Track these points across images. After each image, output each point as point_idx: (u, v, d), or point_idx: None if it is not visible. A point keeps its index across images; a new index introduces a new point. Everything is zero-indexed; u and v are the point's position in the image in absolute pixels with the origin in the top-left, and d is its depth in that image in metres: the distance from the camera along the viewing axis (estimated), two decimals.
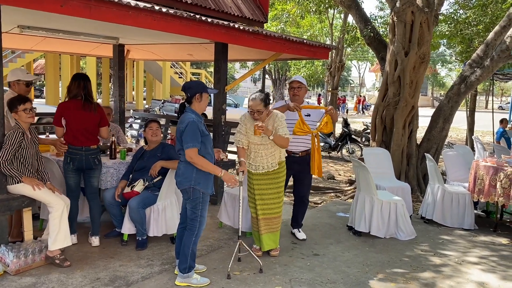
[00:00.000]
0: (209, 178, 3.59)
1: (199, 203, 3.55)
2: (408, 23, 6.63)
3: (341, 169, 10.06)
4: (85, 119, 4.19)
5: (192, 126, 3.41)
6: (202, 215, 3.60)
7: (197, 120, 3.49)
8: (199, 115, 3.57)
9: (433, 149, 7.34)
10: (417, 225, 5.48)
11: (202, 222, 3.62)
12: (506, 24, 6.92)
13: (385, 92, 7.14)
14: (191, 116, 3.48)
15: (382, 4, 15.27)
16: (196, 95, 3.53)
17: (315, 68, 23.89)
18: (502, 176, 5.00)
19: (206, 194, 3.58)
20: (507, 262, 4.48)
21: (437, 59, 38.82)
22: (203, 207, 3.59)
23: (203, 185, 3.52)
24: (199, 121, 3.51)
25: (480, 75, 7.03)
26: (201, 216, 3.59)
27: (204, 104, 3.59)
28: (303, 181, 4.80)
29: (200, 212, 3.57)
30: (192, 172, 3.50)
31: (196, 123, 3.44)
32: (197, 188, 3.51)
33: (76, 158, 4.20)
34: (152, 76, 25.07)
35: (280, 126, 4.07)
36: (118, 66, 6.96)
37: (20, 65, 20.32)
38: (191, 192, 3.52)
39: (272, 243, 4.31)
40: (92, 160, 4.28)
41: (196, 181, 3.50)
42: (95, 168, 4.32)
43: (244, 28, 4.83)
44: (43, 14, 3.42)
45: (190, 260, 3.61)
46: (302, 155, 4.70)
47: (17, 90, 4.32)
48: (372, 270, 4.12)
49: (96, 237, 4.41)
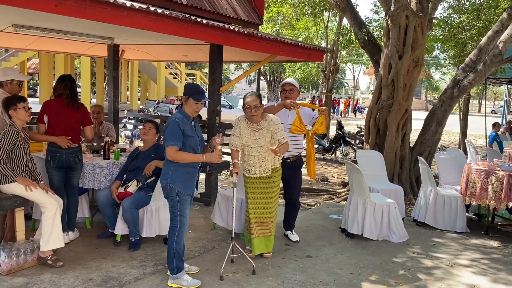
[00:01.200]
0: (187, 178, 3.54)
1: (176, 202, 3.52)
2: (402, 27, 6.68)
3: (334, 171, 10.10)
4: (67, 117, 4.22)
5: (172, 125, 3.44)
6: (182, 215, 3.56)
7: (181, 119, 3.47)
8: (188, 116, 3.54)
9: (426, 152, 7.38)
10: (409, 227, 5.51)
11: (183, 222, 3.58)
12: (499, 29, 6.99)
13: (379, 95, 7.18)
14: (176, 115, 3.51)
15: (377, 7, 15.33)
16: (184, 97, 3.56)
17: (309, 70, 23.94)
18: (494, 180, 5.04)
19: (183, 193, 3.52)
20: (498, 265, 4.52)
21: (431, 62, 39.06)
22: (182, 207, 3.54)
23: (178, 184, 3.49)
24: (184, 121, 3.48)
25: (473, 79, 7.09)
26: (181, 215, 3.55)
27: (190, 108, 3.54)
28: (294, 185, 4.80)
29: (179, 211, 3.54)
30: (169, 170, 3.51)
31: (176, 122, 3.44)
32: (173, 186, 3.48)
33: (56, 156, 4.21)
34: (147, 77, 25.00)
35: (277, 130, 4.07)
36: (112, 66, 6.94)
37: (14, 64, 20.19)
38: (167, 190, 3.52)
39: (263, 247, 4.30)
40: (73, 159, 4.29)
41: (172, 179, 3.49)
42: (75, 167, 4.34)
43: (239, 30, 4.84)
44: (37, 13, 3.41)
45: (176, 260, 3.59)
46: (293, 159, 4.72)
47: (9, 90, 4.31)
48: (364, 272, 4.14)
49: (70, 232, 4.43)
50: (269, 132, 4.06)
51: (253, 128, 4.10)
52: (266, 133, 4.07)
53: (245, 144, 4.13)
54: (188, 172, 3.54)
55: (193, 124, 3.59)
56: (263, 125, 4.09)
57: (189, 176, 3.56)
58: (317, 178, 8.93)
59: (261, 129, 4.08)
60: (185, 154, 3.46)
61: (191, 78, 28.40)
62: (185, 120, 3.51)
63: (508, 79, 11.54)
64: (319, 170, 10.02)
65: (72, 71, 22.01)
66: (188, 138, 3.49)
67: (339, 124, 11.84)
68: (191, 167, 3.57)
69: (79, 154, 4.37)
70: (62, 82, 4.29)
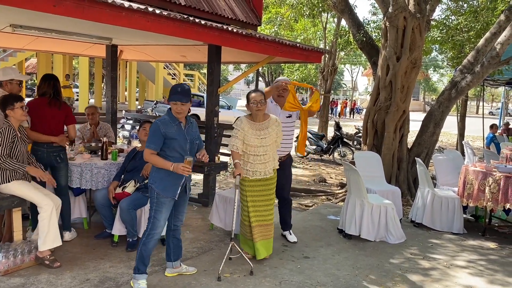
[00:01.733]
0: (169, 181, 3.44)
1: (154, 203, 3.46)
2: (400, 28, 6.69)
3: (332, 172, 10.10)
4: (49, 116, 4.23)
5: (153, 127, 3.41)
6: (156, 217, 3.46)
7: (165, 122, 3.40)
8: (174, 118, 3.44)
9: (424, 153, 7.40)
10: (407, 228, 5.52)
11: (156, 225, 3.47)
12: (497, 31, 7.01)
13: (377, 97, 7.19)
14: (163, 117, 3.45)
15: (375, 9, 15.38)
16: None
17: (308, 71, 23.96)
18: (491, 181, 5.06)
19: (162, 196, 3.44)
20: (494, 266, 4.53)
21: (429, 64, 39.15)
22: (157, 209, 3.45)
23: (158, 185, 3.43)
24: (168, 123, 3.40)
25: (471, 81, 7.10)
26: (154, 217, 3.46)
27: (172, 109, 3.44)
28: (284, 185, 4.79)
29: (154, 213, 3.46)
30: (153, 170, 3.50)
31: (158, 124, 3.38)
32: (153, 187, 3.45)
33: (38, 154, 4.22)
34: (145, 77, 24.98)
35: (280, 133, 4.18)
36: (111, 66, 6.94)
37: (12, 64, 20.13)
38: (149, 190, 3.51)
39: (265, 251, 4.26)
40: (54, 157, 4.29)
41: (153, 179, 3.46)
42: (58, 166, 4.34)
43: (238, 30, 4.85)
44: (36, 13, 3.40)
45: (138, 261, 3.49)
46: (284, 159, 4.74)
47: (9, 90, 4.30)
48: (361, 273, 4.15)
49: (67, 232, 4.45)
50: (274, 131, 4.10)
51: (258, 127, 4.09)
52: (272, 132, 4.09)
53: (250, 145, 4.07)
54: (169, 174, 3.41)
55: (182, 125, 3.47)
56: (268, 124, 4.11)
57: (171, 179, 3.45)
58: (315, 179, 8.94)
59: (266, 128, 4.09)
60: (157, 159, 3.39)
61: (189, 78, 28.39)
62: (170, 122, 3.42)
63: (505, 81, 11.56)
64: (317, 171, 10.04)
65: (70, 71, 21.98)
66: (172, 141, 3.40)
67: (337, 125, 11.86)
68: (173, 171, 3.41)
69: (61, 153, 4.36)
70: (46, 81, 4.33)
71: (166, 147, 3.41)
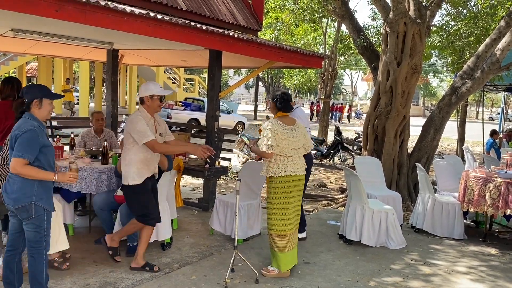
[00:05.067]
0: (50, 194, 3.16)
1: (44, 222, 3.08)
2: (401, 34, 6.71)
3: (332, 177, 10.10)
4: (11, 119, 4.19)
5: (30, 135, 2.96)
6: (48, 234, 3.16)
7: (39, 129, 3.03)
8: (42, 123, 3.12)
9: (424, 158, 7.40)
10: (407, 234, 5.51)
11: (48, 242, 3.18)
12: (497, 37, 7.03)
13: (377, 102, 7.20)
14: (33, 123, 3.02)
15: (375, 14, 15.41)
16: (34, 101, 3.07)
17: (308, 76, 24.01)
18: (492, 187, 5.05)
19: (49, 211, 3.13)
20: (495, 272, 4.51)
21: (429, 69, 39.21)
22: (48, 226, 3.14)
23: (45, 201, 3.07)
24: (42, 130, 3.06)
25: (471, 87, 7.11)
26: (47, 235, 3.14)
27: (46, 111, 3.13)
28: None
29: (46, 231, 3.12)
30: (33, 186, 3.01)
31: (36, 132, 2.99)
32: (40, 204, 3.03)
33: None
34: (145, 81, 25.04)
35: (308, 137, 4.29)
36: (111, 71, 6.95)
37: (13, 68, 20.20)
38: (32, 210, 3.01)
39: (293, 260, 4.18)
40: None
41: (38, 196, 3.02)
42: None
43: (239, 36, 4.86)
44: (37, 18, 3.41)
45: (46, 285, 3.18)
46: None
47: (149, 105, 3.99)
48: (362, 279, 4.14)
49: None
50: (303, 134, 4.12)
51: (291, 130, 4.05)
52: (301, 135, 4.11)
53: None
54: (50, 187, 3.14)
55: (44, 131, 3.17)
56: (298, 128, 4.12)
57: (50, 191, 3.17)
58: (315, 184, 8.93)
59: (297, 131, 4.09)
60: (34, 170, 2.97)
61: (189, 83, 28.42)
62: (43, 128, 3.09)
63: (505, 86, 11.56)
64: (317, 176, 10.03)
65: (70, 75, 22.04)
66: (49, 148, 3.09)
67: (337, 130, 11.86)
68: (49, 183, 3.12)
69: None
70: (8, 84, 4.36)
71: (43, 156, 3.04)
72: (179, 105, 18.66)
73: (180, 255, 4.49)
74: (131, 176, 3.88)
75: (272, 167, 3.99)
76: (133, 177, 3.88)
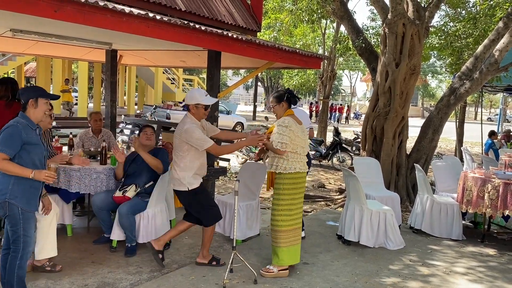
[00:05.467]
0: (31, 193, 3.08)
1: (19, 221, 3.04)
2: (399, 34, 6.72)
3: (331, 178, 10.10)
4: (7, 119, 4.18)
5: (12, 130, 2.98)
6: (27, 235, 3.08)
7: (24, 125, 3.03)
8: (32, 122, 3.11)
9: (423, 159, 7.41)
10: (406, 235, 5.52)
11: (28, 243, 3.10)
12: (495, 38, 7.05)
13: (376, 102, 7.21)
14: (19, 120, 3.05)
15: (374, 15, 15.43)
16: (30, 100, 3.10)
17: (307, 77, 24.00)
18: (490, 188, 5.06)
19: (27, 211, 3.06)
20: (494, 273, 4.52)
21: (427, 70, 39.28)
22: (26, 226, 3.07)
23: (20, 199, 3.02)
24: (28, 128, 3.05)
25: (469, 87, 7.13)
26: (24, 235, 3.07)
27: (41, 111, 3.14)
28: None
29: (23, 231, 3.05)
30: (8, 183, 3.00)
31: (18, 128, 2.98)
32: (14, 202, 3.00)
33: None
34: (144, 82, 25.01)
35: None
36: (110, 71, 6.94)
37: (11, 68, 20.17)
38: (7, 208, 3.01)
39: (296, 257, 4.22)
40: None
41: (12, 194, 2.99)
42: None
43: (237, 36, 4.86)
44: (36, 18, 3.41)
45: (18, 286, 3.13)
46: None
47: (194, 113, 4.01)
48: (360, 280, 4.14)
49: None
50: (306, 134, 4.23)
51: (301, 128, 4.14)
52: (306, 135, 4.23)
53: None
54: (31, 186, 3.07)
55: (37, 131, 3.16)
56: (304, 127, 4.22)
57: (33, 191, 3.10)
58: (313, 184, 8.93)
59: (304, 130, 4.20)
60: (11, 166, 2.95)
61: (188, 83, 28.42)
62: (31, 127, 3.09)
63: (504, 87, 11.59)
64: (316, 177, 10.04)
65: (69, 75, 22.01)
66: (35, 147, 3.08)
67: (336, 131, 11.87)
68: (34, 182, 3.06)
69: None
70: (2, 85, 4.37)
71: (26, 154, 3.04)
72: (178, 105, 18.65)
73: (178, 255, 4.48)
74: (188, 181, 4.00)
75: (282, 163, 4.03)
76: (190, 182, 4.01)
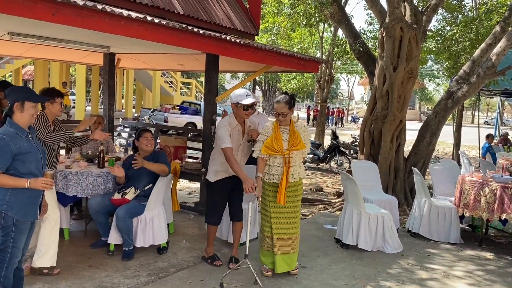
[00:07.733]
0: (28, 203, 2.96)
1: (11, 232, 2.91)
2: (397, 38, 6.74)
3: (329, 181, 10.10)
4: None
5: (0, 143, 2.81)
6: (15, 246, 2.95)
7: (12, 136, 2.86)
8: (22, 129, 2.93)
9: (420, 163, 7.42)
10: (403, 238, 5.51)
11: (15, 254, 2.97)
12: (492, 42, 7.07)
13: (374, 106, 7.23)
14: (6, 130, 2.87)
15: (372, 19, 15.49)
16: (16, 104, 2.90)
17: (305, 80, 24.07)
18: (487, 191, 5.07)
19: (22, 222, 2.94)
20: (492, 276, 4.52)
21: (425, 73, 39.37)
22: (17, 237, 2.94)
23: (17, 211, 2.89)
24: (17, 137, 2.88)
25: (467, 91, 7.15)
26: (13, 247, 2.94)
27: (28, 115, 2.93)
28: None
29: (13, 242, 2.93)
30: (5, 194, 2.87)
31: (5, 141, 2.81)
32: (10, 214, 2.87)
33: None
34: (142, 85, 25.01)
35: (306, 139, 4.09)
36: (108, 74, 6.94)
37: (9, 71, 20.14)
38: (2, 219, 2.87)
39: (285, 266, 4.12)
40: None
41: (8, 205, 2.87)
42: None
43: (235, 40, 4.87)
44: (34, 21, 3.41)
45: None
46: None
47: (235, 112, 4.07)
48: (359, 283, 4.13)
49: None
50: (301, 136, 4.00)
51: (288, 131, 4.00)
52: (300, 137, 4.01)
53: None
54: (30, 196, 2.95)
55: (30, 136, 3.00)
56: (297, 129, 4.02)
57: (32, 201, 2.99)
58: (311, 188, 8.93)
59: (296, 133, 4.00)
60: (5, 179, 2.83)
61: (186, 86, 28.43)
62: (20, 134, 2.91)
63: (501, 91, 11.64)
64: (314, 180, 10.03)
65: (67, 78, 22.00)
66: (29, 155, 2.92)
67: (334, 134, 11.88)
68: (34, 190, 2.94)
69: None
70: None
71: (20, 164, 2.89)
72: (175, 108, 18.64)
73: (176, 259, 4.47)
74: (209, 173, 4.25)
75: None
76: (210, 175, 4.24)
